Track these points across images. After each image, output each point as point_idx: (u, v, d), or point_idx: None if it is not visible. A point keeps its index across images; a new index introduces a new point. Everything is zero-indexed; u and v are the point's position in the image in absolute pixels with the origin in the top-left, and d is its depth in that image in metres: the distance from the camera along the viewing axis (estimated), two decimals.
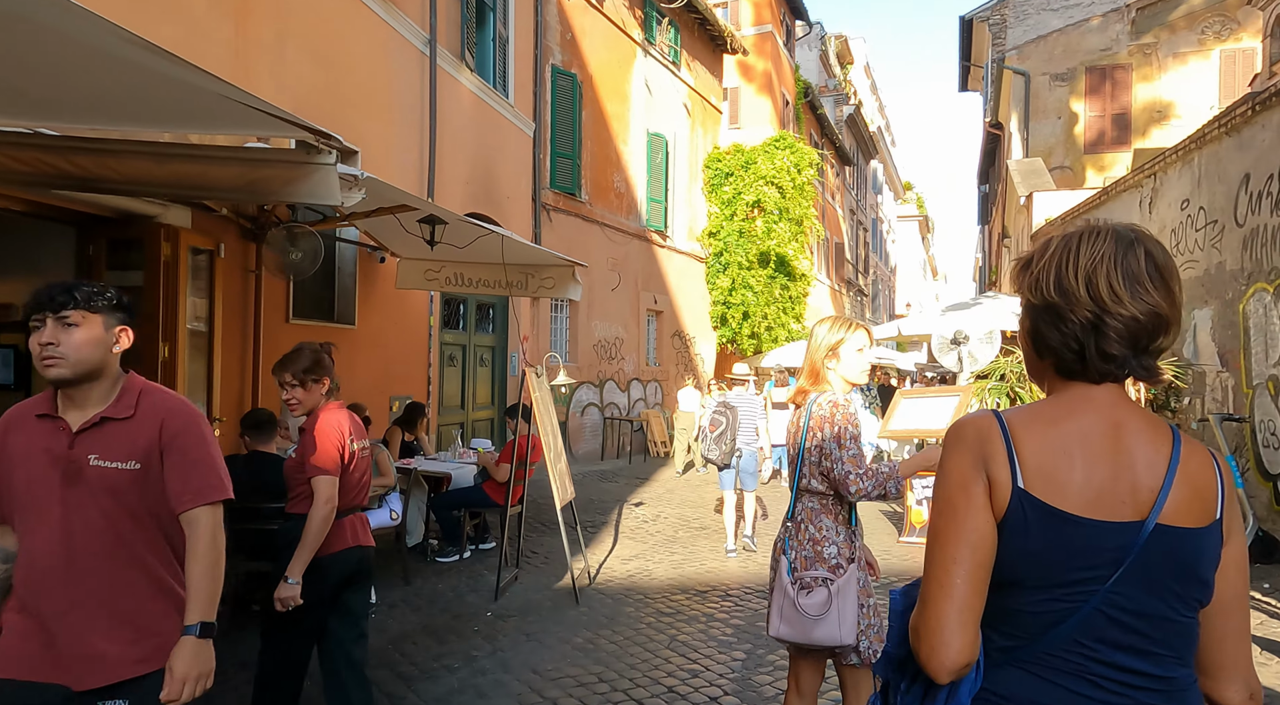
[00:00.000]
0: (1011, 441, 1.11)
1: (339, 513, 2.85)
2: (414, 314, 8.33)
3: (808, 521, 2.55)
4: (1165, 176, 8.03)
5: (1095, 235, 1.16)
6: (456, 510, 6.21)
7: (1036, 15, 26.20)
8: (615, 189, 13.51)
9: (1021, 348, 1.26)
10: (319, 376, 2.98)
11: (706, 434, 6.50)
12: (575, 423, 12.30)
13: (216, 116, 3.67)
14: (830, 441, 2.48)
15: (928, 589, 1.12)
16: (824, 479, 2.52)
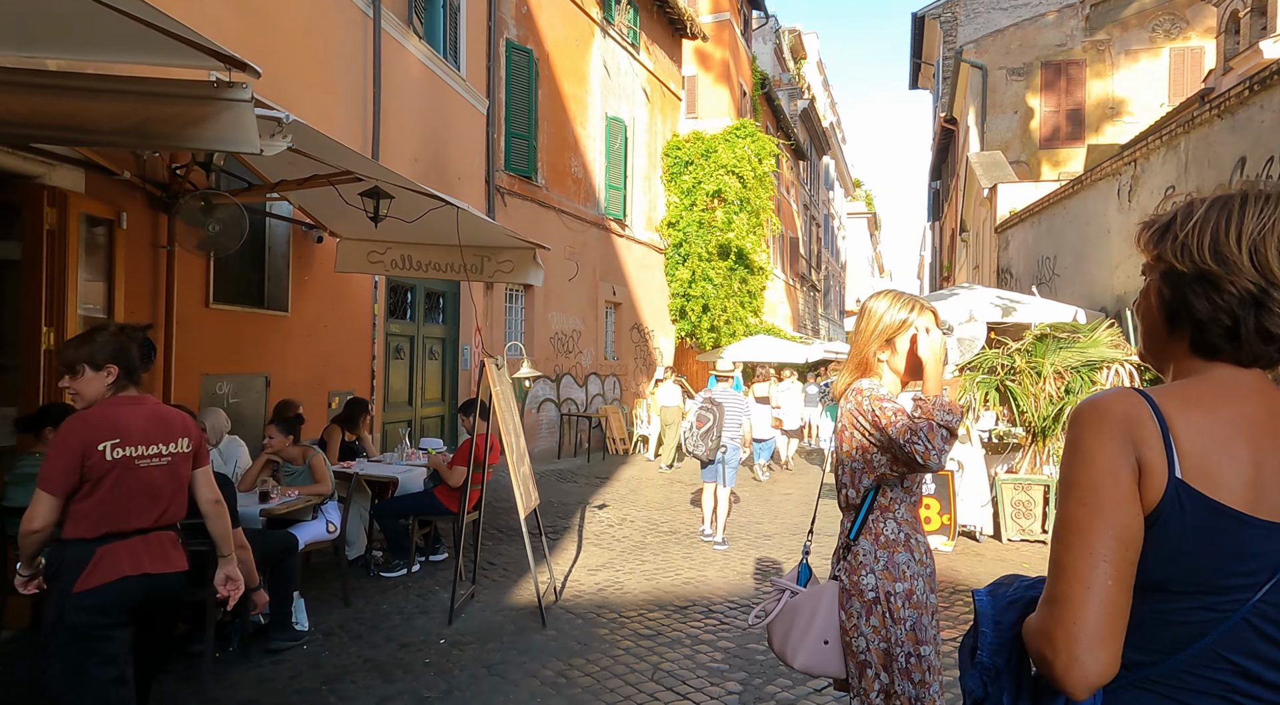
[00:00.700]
0: (1167, 425, 1.00)
1: (104, 537, 2.36)
2: (356, 301, 7.59)
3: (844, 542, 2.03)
4: (1147, 163, 7.80)
5: (1261, 199, 1.05)
6: (404, 519, 5.55)
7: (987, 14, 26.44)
8: (573, 174, 12.88)
9: (1143, 319, 1.15)
10: (100, 363, 2.35)
11: (693, 429, 6.50)
12: (531, 419, 11.65)
13: (93, 37, 2.96)
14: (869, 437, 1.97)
15: (1066, 588, 0.99)
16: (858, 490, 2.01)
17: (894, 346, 2.08)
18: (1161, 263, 1.09)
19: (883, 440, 1.94)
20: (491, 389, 4.65)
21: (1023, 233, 11.95)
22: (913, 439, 1.86)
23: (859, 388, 2.02)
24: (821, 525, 7.35)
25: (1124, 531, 0.98)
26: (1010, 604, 1.14)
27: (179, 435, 2.54)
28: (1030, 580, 1.19)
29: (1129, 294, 8.15)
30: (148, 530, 2.48)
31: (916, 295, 2.15)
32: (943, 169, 29.27)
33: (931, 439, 1.86)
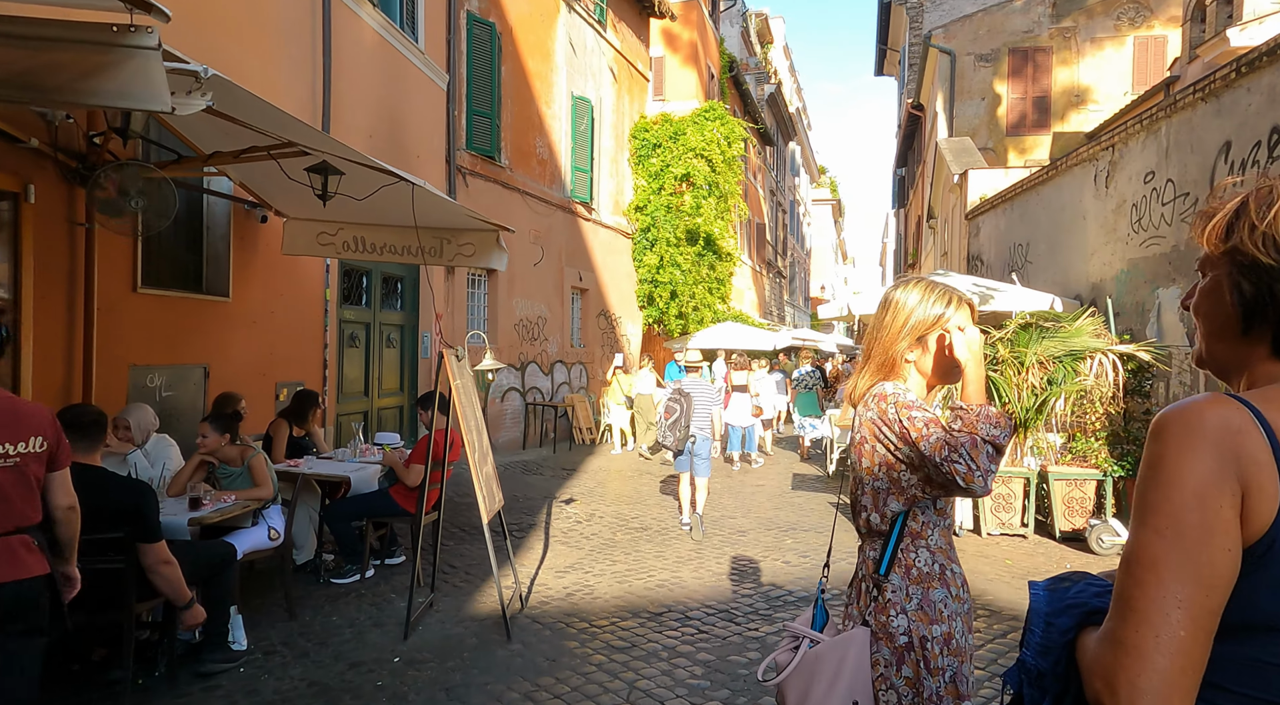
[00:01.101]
0: (1276, 436, 0.88)
1: None
2: (306, 286, 7.11)
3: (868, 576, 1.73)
4: (1125, 148, 7.65)
5: None
6: (357, 521, 5.16)
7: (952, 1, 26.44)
8: (538, 155, 12.42)
9: (1208, 319, 1.04)
10: None
11: (662, 420, 6.53)
12: (495, 409, 11.25)
13: None
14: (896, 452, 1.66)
15: (1132, 633, 0.87)
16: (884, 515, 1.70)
17: (925, 345, 1.77)
18: (1240, 255, 0.98)
19: (913, 457, 1.63)
20: (451, 383, 4.28)
21: (994, 219, 11.85)
22: (952, 456, 1.56)
23: (882, 393, 1.71)
24: (800, 520, 7.13)
25: (1207, 572, 0.86)
26: (1069, 607, 1.05)
27: (31, 433, 2.20)
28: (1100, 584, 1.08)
29: (1105, 282, 8.04)
30: None
31: (951, 285, 1.84)
32: (909, 156, 29.30)
33: (975, 457, 1.56)
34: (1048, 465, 6.34)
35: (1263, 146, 5.60)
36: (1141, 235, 7.31)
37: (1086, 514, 6.18)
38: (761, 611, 4.62)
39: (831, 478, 9.91)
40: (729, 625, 4.38)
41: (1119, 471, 6.04)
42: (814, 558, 5.89)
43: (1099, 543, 5.74)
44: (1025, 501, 6.36)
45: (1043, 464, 6.39)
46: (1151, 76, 17.63)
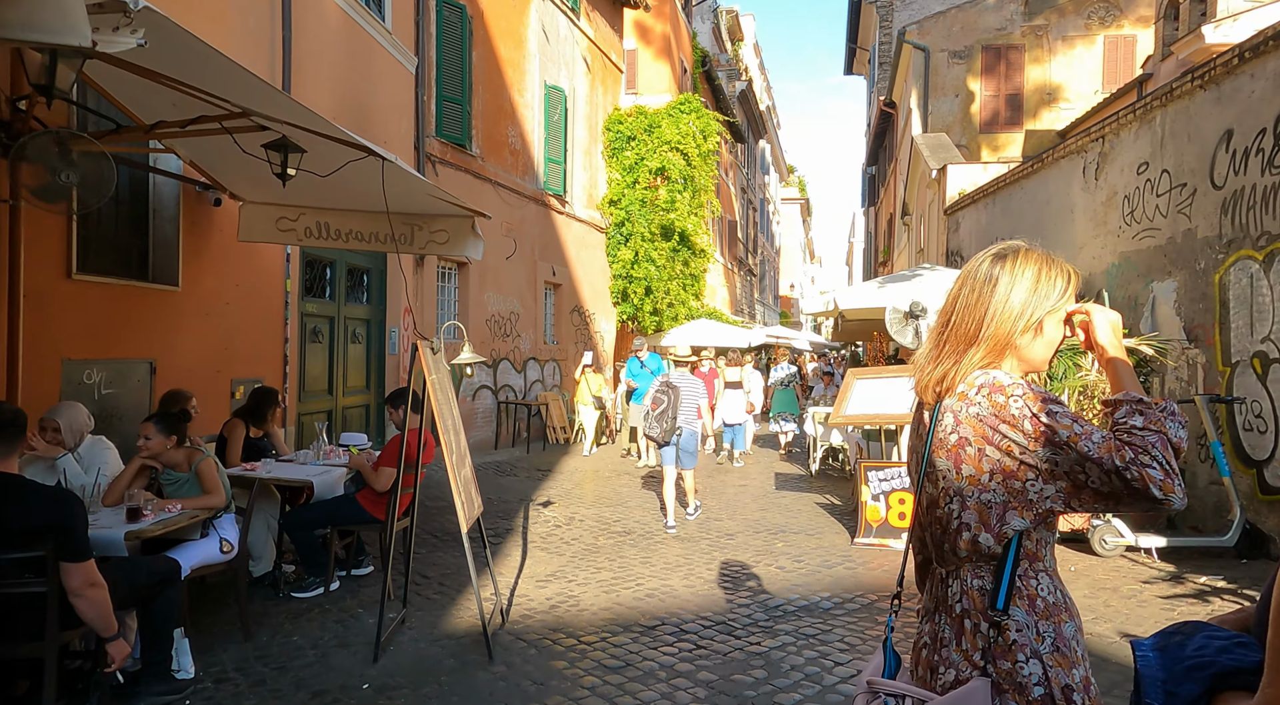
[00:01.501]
0: None
1: None
2: (265, 275, 6.63)
3: (977, 612, 1.39)
4: (1117, 139, 7.50)
5: None
6: (320, 529, 4.74)
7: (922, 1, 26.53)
8: (510, 145, 12.00)
9: None
10: None
11: (649, 412, 6.60)
12: (466, 408, 10.81)
13: None
14: (1025, 456, 1.34)
15: None
16: (999, 534, 1.37)
17: (1041, 328, 1.46)
18: None
19: (1055, 461, 1.30)
20: (426, 377, 3.89)
21: (975, 214, 11.72)
22: (1142, 460, 1.22)
23: (996, 383, 1.38)
24: (788, 522, 6.84)
25: None
26: (1191, 670, 0.95)
27: None
28: (1222, 638, 0.97)
29: (1095, 276, 7.89)
30: None
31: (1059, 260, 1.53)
32: (880, 154, 29.34)
33: (1170, 460, 1.24)
34: None
35: (1268, 134, 5.44)
36: (1134, 227, 7.16)
37: (1086, 514, 5.98)
38: (761, 623, 4.31)
39: (815, 476, 9.66)
40: (728, 639, 4.06)
41: None
42: (808, 562, 5.60)
43: (1102, 544, 5.53)
44: None
45: None
46: (1121, 75, 17.77)
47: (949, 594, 1.45)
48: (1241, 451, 5.63)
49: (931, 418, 1.50)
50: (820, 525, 6.86)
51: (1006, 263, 1.48)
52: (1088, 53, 18.23)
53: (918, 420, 1.64)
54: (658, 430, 6.53)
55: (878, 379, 6.38)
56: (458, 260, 10.59)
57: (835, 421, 6.25)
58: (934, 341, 1.58)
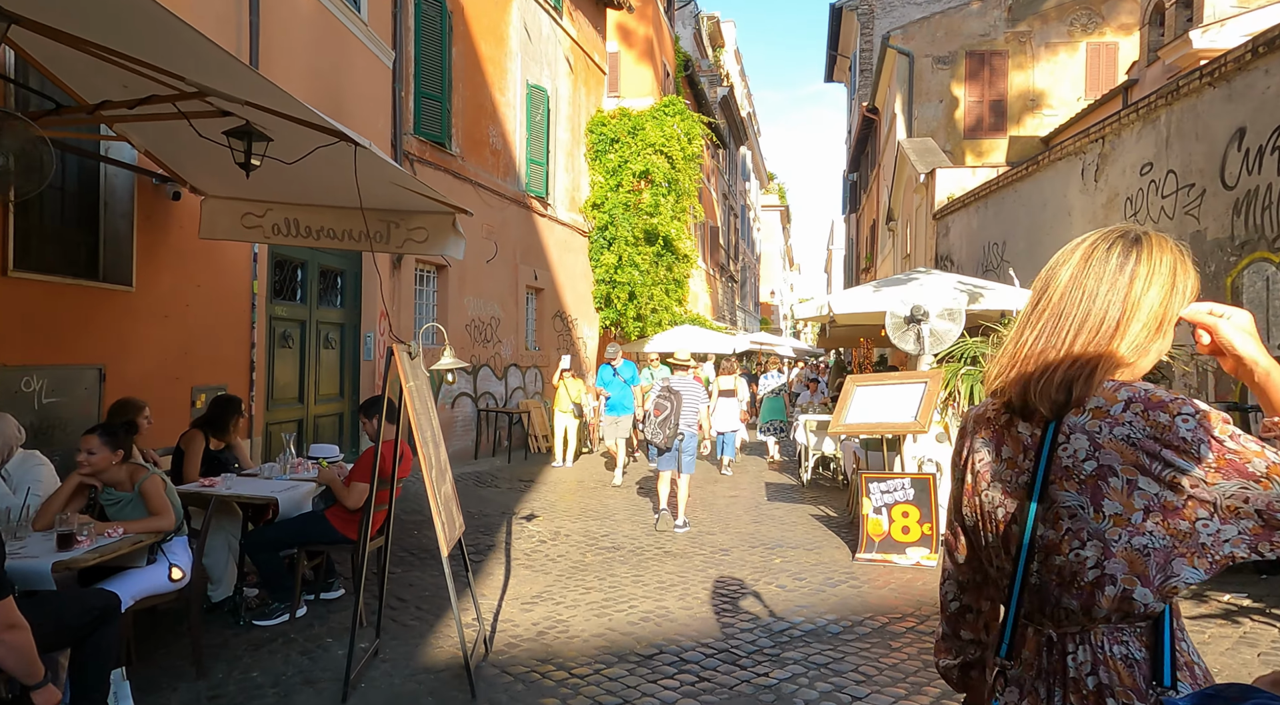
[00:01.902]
0: None
1: None
2: (229, 275, 6.23)
3: (1125, 689, 1.07)
4: (1118, 140, 7.32)
5: None
6: (286, 549, 4.35)
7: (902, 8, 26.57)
8: (491, 145, 11.64)
9: None
10: None
11: (651, 418, 6.60)
12: (445, 416, 10.40)
13: None
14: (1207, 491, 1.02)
15: None
16: (1161, 589, 1.05)
17: (1164, 330, 1.16)
18: None
19: (1247, 498, 0.99)
20: (403, 384, 3.53)
21: (966, 218, 11.55)
22: None
23: (1152, 398, 1.07)
24: (785, 536, 6.50)
25: None
26: None
27: None
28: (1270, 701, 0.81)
29: None
30: None
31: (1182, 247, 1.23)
32: (861, 160, 29.31)
33: None
34: None
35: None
36: None
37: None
38: (767, 651, 3.98)
39: (806, 486, 9.37)
40: (733, 669, 3.73)
41: None
42: (809, 580, 5.29)
43: None
44: None
45: None
46: (1104, 82, 17.80)
47: (1070, 665, 1.12)
48: None
49: (1046, 439, 1.17)
50: (818, 539, 6.55)
51: (1142, 249, 1.17)
52: (1070, 59, 18.27)
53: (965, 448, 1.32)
54: (661, 436, 6.52)
55: (879, 386, 6.10)
56: (437, 262, 10.22)
57: (836, 430, 5.95)
58: (1031, 337, 1.25)
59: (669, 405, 6.53)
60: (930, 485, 5.71)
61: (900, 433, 5.81)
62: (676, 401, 6.53)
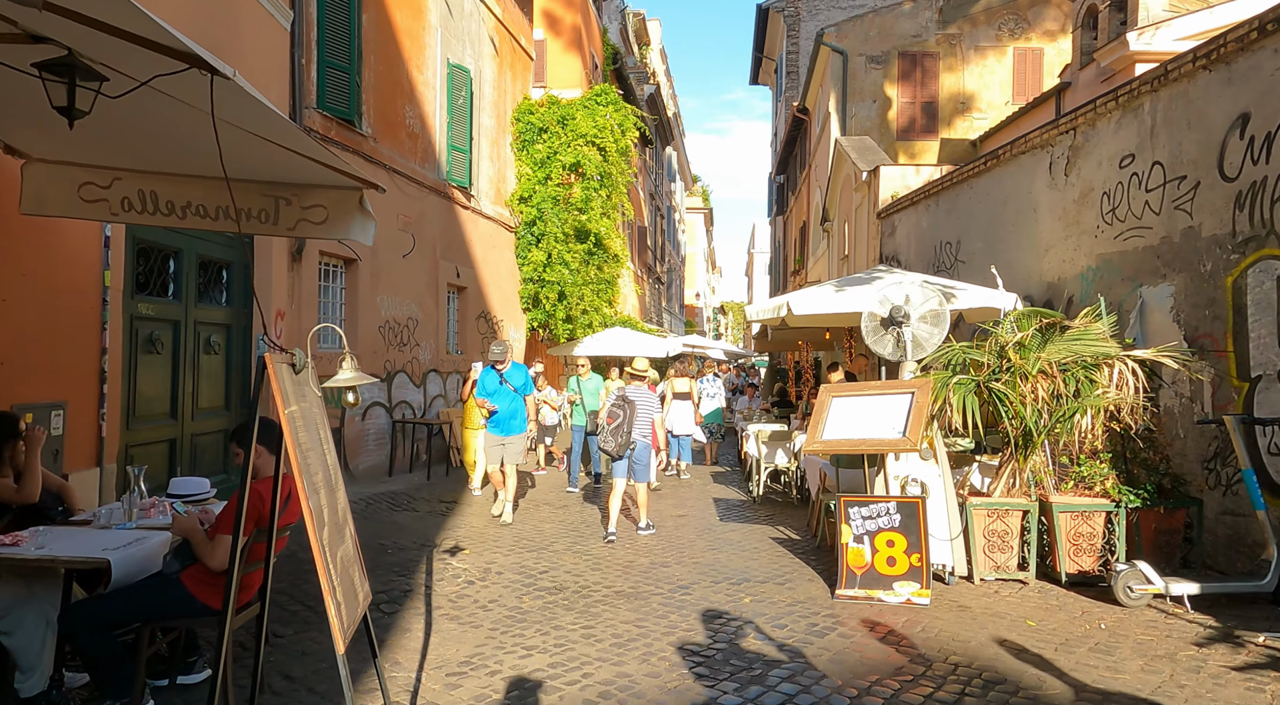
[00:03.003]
0: None
1: None
2: (69, 264, 4.98)
3: None
4: (1092, 131, 6.87)
5: None
6: (123, 630, 3.24)
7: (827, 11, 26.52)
8: (408, 126, 10.49)
9: None
10: None
11: (604, 426, 6.65)
12: (354, 429, 9.21)
13: None
14: None
15: None
16: None
17: None
18: None
19: None
20: (280, 411, 2.53)
21: (914, 216, 11.12)
22: None
23: None
24: (749, 566, 5.63)
25: None
26: None
27: None
28: None
29: (1066, 280, 7.25)
30: None
31: None
32: (790, 162, 29.14)
33: None
34: (1049, 495, 5.29)
35: None
36: (1117, 227, 6.51)
37: (1095, 553, 5.17)
38: None
39: (758, 502, 8.65)
40: None
41: (1134, 501, 5.06)
42: (791, 627, 4.50)
43: (1127, 592, 4.70)
44: (1023, 539, 5.28)
45: (1042, 493, 5.34)
46: (1030, 88, 17.94)
47: None
48: (1267, 479, 4.93)
49: None
50: (786, 570, 5.78)
51: None
52: (999, 64, 18.36)
53: None
54: (613, 444, 6.55)
55: (859, 397, 5.38)
56: (345, 254, 9.02)
57: (813, 449, 5.20)
58: None
59: (622, 414, 6.59)
60: (919, 510, 5.01)
61: (889, 451, 5.10)
62: (630, 410, 6.60)
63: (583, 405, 9.44)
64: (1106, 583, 5.01)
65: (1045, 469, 5.34)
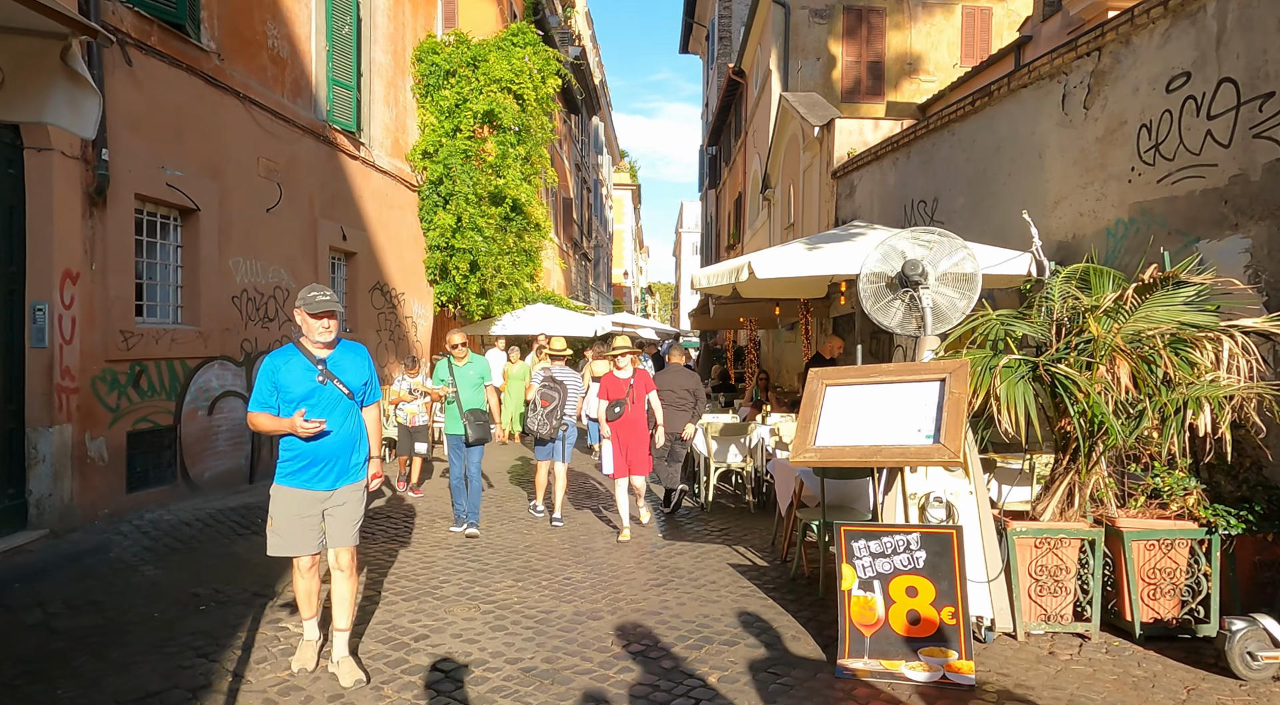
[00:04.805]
0: None
1: None
2: None
3: None
4: (1126, 49, 5.52)
5: None
6: None
7: None
8: (271, 48, 8.41)
9: None
10: None
11: (537, 408, 6.47)
12: (200, 425, 7.23)
13: None
14: None
15: None
16: None
17: None
18: None
19: None
20: None
21: (878, 173, 9.73)
22: None
23: None
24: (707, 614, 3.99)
25: None
26: None
27: None
28: None
29: (1082, 239, 5.91)
30: None
31: None
32: (723, 131, 27.66)
33: None
34: (1115, 516, 3.91)
35: None
36: (1161, 167, 5.17)
37: (1177, 596, 3.82)
38: None
39: (708, 511, 7.13)
40: None
41: (1234, 526, 3.72)
42: None
43: (1245, 661, 3.34)
44: (1083, 578, 3.89)
45: (1104, 515, 3.95)
46: (979, 49, 16.93)
47: None
48: None
49: None
50: (760, 619, 4.25)
51: None
52: (947, 23, 17.28)
53: None
54: (548, 427, 6.44)
55: (864, 385, 3.85)
56: (179, 203, 6.97)
57: (803, 460, 3.66)
58: None
59: (556, 396, 6.44)
60: (953, 545, 3.54)
61: (920, 464, 3.60)
62: (563, 392, 6.47)
63: (458, 403, 6.22)
64: (1191, 634, 3.67)
65: (1107, 482, 3.94)
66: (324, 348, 3.50)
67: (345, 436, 3.51)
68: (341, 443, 3.49)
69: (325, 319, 3.43)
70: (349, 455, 3.54)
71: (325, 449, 3.44)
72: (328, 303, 3.41)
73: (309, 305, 3.40)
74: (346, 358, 3.58)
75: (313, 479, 3.46)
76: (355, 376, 3.57)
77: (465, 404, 6.21)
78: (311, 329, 3.43)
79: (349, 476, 3.54)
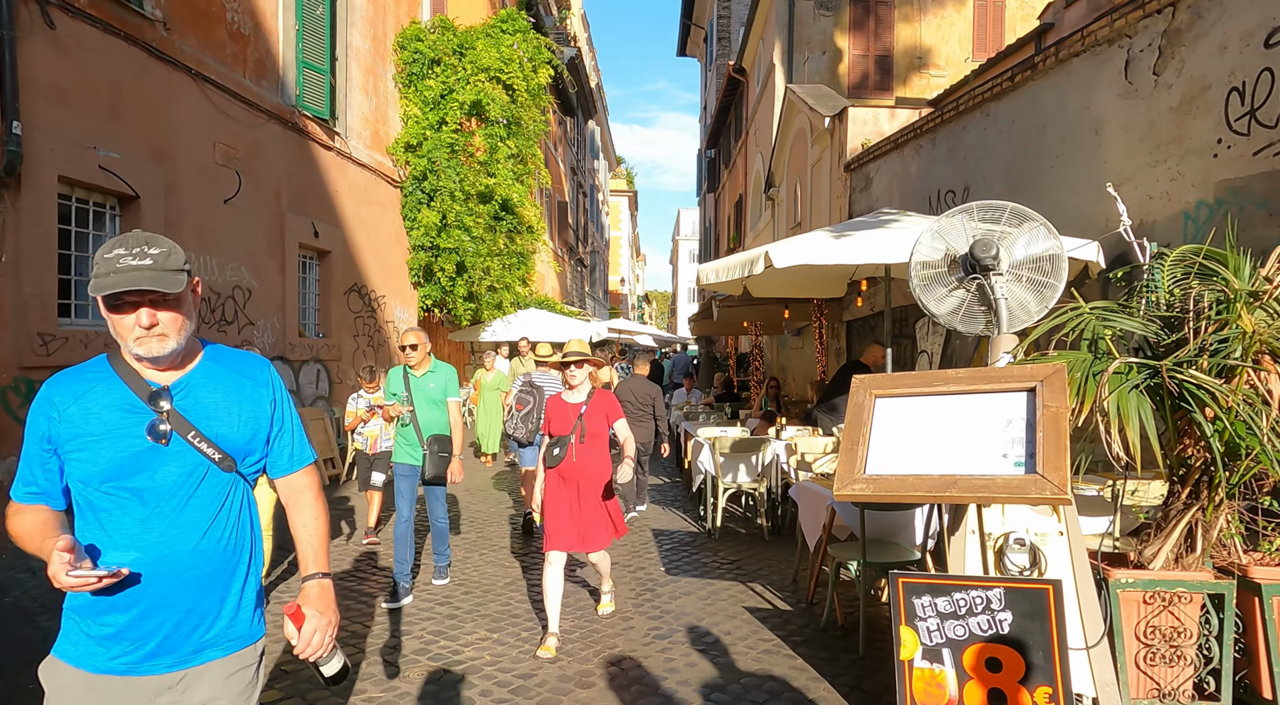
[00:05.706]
0: None
1: None
2: None
3: None
4: (1210, 1, 4.71)
5: None
6: None
7: None
8: (229, 22, 7.60)
9: None
10: None
11: (514, 413, 6.31)
12: None
13: None
14: None
15: None
16: None
17: None
18: None
19: None
20: None
21: (897, 164, 8.93)
22: None
23: None
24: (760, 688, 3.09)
25: None
26: None
27: None
28: None
29: (1152, 225, 5.10)
30: None
31: None
32: (723, 132, 26.90)
33: None
34: (1246, 563, 3.07)
35: None
36: (1259, 137, 4.37)
37: None
38: None
39: (715, 538, 6.27)
40: None
41: None
42: None
43: None
44: (1207, 644, 3.05)
45: (1231, 562, 3.11)
46: (991, 43, 16.21)
47: None
48: None
49: None
50: (791, 686, 3.40)
51: None
52: (958, 15, 16.55)
53: None
54: (524, 430, 6.23)
55: (924, 396, 3.02)
56: (116, 190, 6.12)
57: (850, 494, 2.83)
58: None
59: (532, 400, 6.26)
60: (1049, 604, 2.69)
61: (1014, 502, 2.78)
62: (539, 396, 6.24)
63: (415, 427, 4.73)
64: None
65: (1232, 520, 3.10)
66: (163, 368, 1.60)
67: (207, 555, 1.60)
68: (199, 569, 1.59)
69: (145, 310, 1.51)
70: (218, 595, 1.62)
71: (159, 586, 1.55)
72: (142, 272, 1.48)
73: (99, 279, 1.50)
74: (222, 386, 1.67)
75: (130, 652, 1.55)
76: (238, 422, 1.66)
77: (425, 428, 4.70)
78: (122, 330, 1.54)
79: (217, 645, 1.61)
